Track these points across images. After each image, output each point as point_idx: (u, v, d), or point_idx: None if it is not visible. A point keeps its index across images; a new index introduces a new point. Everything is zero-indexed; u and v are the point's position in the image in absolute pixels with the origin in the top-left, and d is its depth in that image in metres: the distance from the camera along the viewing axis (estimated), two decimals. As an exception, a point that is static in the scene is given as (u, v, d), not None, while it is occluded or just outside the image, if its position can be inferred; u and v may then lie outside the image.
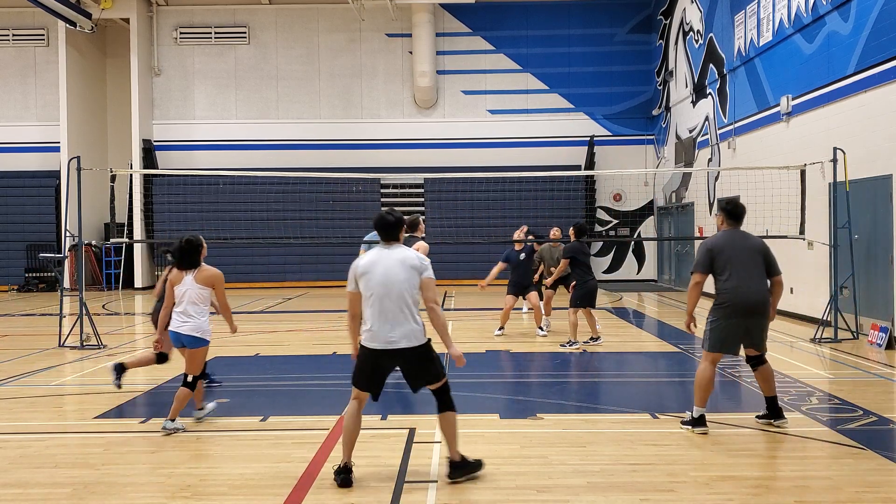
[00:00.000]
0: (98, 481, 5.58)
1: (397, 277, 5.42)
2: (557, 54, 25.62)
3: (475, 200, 22.90)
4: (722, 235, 6.88)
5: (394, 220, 5.61)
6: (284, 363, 10.75)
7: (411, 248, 5.69)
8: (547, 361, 10.58)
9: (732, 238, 6.82)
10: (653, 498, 5.16)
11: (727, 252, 6.70)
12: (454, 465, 5.53)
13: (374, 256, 5.55)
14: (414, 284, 5.47)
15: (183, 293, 6.88)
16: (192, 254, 6.96)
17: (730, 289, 6.63)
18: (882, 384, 8.86)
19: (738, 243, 6.77)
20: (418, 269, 5.48)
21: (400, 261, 5.48)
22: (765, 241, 6.94)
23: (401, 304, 5.40)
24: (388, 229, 5.60)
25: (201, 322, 6.88)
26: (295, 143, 25.51)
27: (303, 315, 16.84)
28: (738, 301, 6.60)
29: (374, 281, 5.44)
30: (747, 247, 6.77)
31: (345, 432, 5.54)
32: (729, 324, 6.68)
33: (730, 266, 6.66)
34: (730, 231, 6.89)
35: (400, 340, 5.39)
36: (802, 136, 14.38)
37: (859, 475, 5.56)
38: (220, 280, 7.04)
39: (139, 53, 24.72)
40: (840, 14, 13.02)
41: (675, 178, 23.17)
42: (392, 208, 5.84)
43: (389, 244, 5.60)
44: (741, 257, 6.69)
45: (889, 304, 11.45)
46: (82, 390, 9.01)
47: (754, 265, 6.71)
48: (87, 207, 13.81)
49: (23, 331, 14.88)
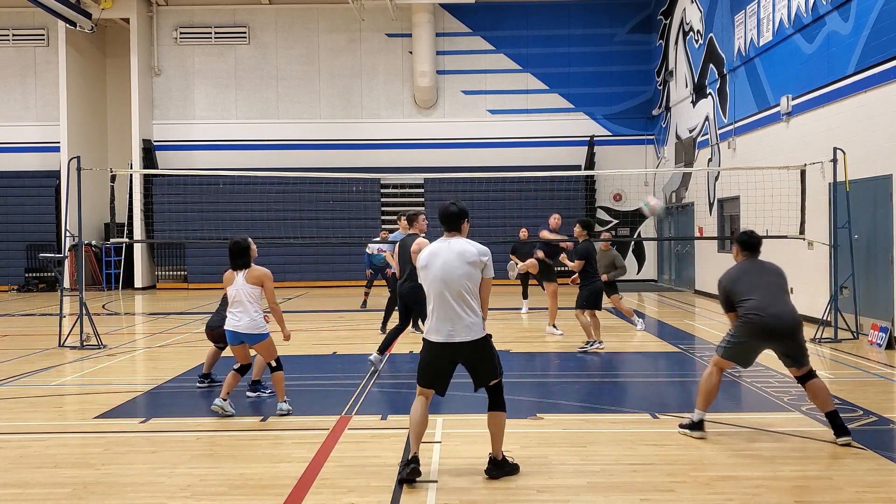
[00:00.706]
0: (98, 481, 5.58)
1: (455, 272, 5.44)
2: (557, 54, 25.63)
3: (475, 200, 22.85)
4: (738, 267, 6.76)
5: (457, 211, 5.67)
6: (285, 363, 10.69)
7: (473, 242, 5.60)
8: (547, 361, 10.58)
9: (750, 267, 6.70)
10: (653, 498, 5.16)
11: (745, 279, 6.55)
12: (495, 462, 5.57)
13: (434, 248, 5.60)
14: (473, 279, 5.48)
15: (235, 293, 7.34)
16: (242, 255, 7.45)
17: (751, 308, 6.38)
18: (882, 384, 8.86)
19: (756, 270, 6.66)
20: (478, 265, 5.49)
21: (459, 254, 5.48)
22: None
23: (459, 298, 5.43)
24: (451, 219, 5.65)
25: (256, 318, 7.33)
26: (295, 143, 25.51)
27: (303, 315, 16.84)
28: (760, 323, 6.33)
29: (432, 274, 5.49)
30: (766, 271, 6.67)
31: (411, 425, 5.59)
32: (750, 343, 6.46)
33: (749, 290, 6.48)
34: (747, 262, 6.77)
35: (458, 334, 5.43)
36: (802, 136, 14.37)
37: (859, 475, 5.56)
38: (268, 278, 7.51)
39: (139, 53, 24.72)
40: (840, 14, 13.01)
41: (675, 178, 23.17)
42: (457, 199, 5.85)
43: (451, 235, 5.64)
44: (761, 280, 6.54)
45: (889, 304, 11.45)
46: (82, 390, 9.01)
47: (777, 287, 6.58)
48: (87, 207, 13.81)
49: (23, 331, 14.88)
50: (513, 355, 11.10)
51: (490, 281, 5.56)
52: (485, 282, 5.54)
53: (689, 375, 9.71)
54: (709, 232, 19.69)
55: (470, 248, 5.51)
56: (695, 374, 9.85)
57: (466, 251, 5.49)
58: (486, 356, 5.53)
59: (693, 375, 9.75)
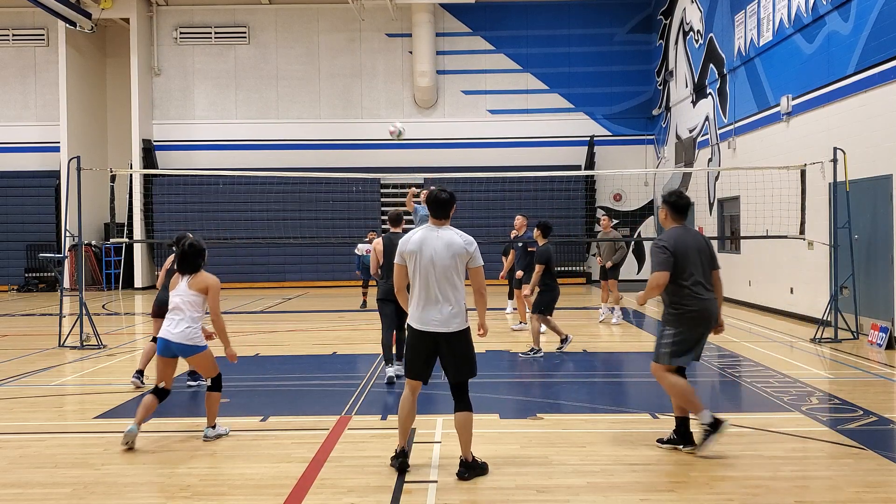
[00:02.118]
0: (98, 481, 5.58)
1: (442, 262, 5.48)
2: (557, 54, 25.62)
3: (475, 200, 22.90)
4: (678, 234, 6.17)
5: (447, 198, 5.67)
6: (284, 363, 10.74)
7: (460, 232, 5.60)
8: (547, 361, 10.57)
9: (688, 237, 6.17)
10: (653, 498, 5.16)
11: (688, 256, 6.03)
12: (466, 464, 5.56)
13: (422, 235, 5.59)
14: (459, 269, 5.50)
15: (178, 300, 6.55)
16: (196, 257, 6.61)
17: (694, 295, 6.01)
18: (882, 384, 8.86)
19: (694, 245, 6.12)
20: (464, 256, 5.51)
21: (447, 244, 5.51)
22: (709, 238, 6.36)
23: (444, 288, 5.46)
24: (442, 206, 5.63)
25: (193, 327, 6.49)
26: (295, 143, 25.51)
27: (303, 315, 16.84)
28: (703, 308, 6.03)
29: (419, 262, 5.51)
30: (700, 247, 6.15)
31: (399, 419, 5.69)
32: (694, 333, 6.10)
33: (688, 272, 6.01)
34: (683, 228, 6.23)
35: (440, 324, 5.47)
36: (802, 136, 14.37)
37: (859, 475, 5.56)
38: (215, 287, 6.58)
39: (139, 53, 24.73)
40: (840, 14, 13.01)
41: (675, 178, 23.16)
42: (444, 188, 5.80)
43: (440, 223, 5.63)
44: (698, 261, 6.08)
45: (889, 304, 11.45)
46: (82, 390, 9.01)
47: (707, 269, 6.13)
48: (87, 207, 13.81)
49: (23, 331, 14.87)
50: (513, 355, 11.09)
51: (481, 269, 5.55)
52: (475, 270, 5.56)
53: (690, 375, 9.67)
54: (709, 232, 19.69)
55: (457, 239, 5.54)
56: (695, 374, 9.85)
57: (454, 241, 5.52)
58: (467, 350, 5.56)
59: (693, 375, 9.75)
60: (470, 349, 5.59)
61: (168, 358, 6.58)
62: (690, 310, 6.03)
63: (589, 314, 16.03)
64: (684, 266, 6.02)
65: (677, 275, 6.02)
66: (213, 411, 6.62)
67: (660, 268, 6.04)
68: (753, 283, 16.92)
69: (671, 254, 6.02)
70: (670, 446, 6.20)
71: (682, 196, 6.33)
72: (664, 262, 6.02)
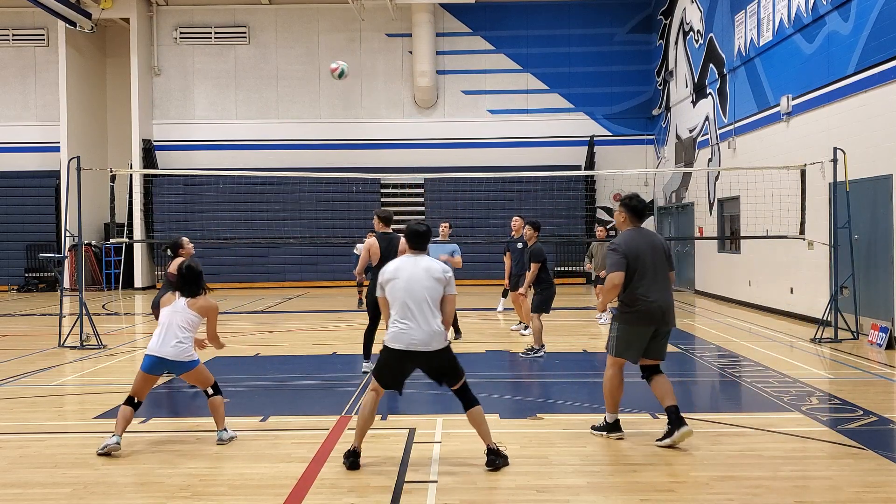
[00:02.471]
0: (98, 481, 5.58)
1: (421, 284, 5.76)
2: (557, 54, 25.63)
3: (475, 200, 22.91)
4: (630, 236, 6.40)
5: (425, 231, 6.03)
6: (284, 363, 10.74)
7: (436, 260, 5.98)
8: (547, 361, 10.57)
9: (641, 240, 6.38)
10: (653, 498, 5.16)
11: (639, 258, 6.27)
12: (492, 451, 5.75)
13: (400, 264, 5.91)
14: (436, 293, 5.78)
15: (171, 316, 6.48)
16: (196, 282, 6.60)
17: (640, 297, 6.25)
18: (882, 384, 8.86)
19: (646, 246, 6.34)
20: (442, 282, 5.80)
21: (425, 269, 5.81)
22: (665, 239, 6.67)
23: (423, 310, 5.72)
24: (417, 239, 5.97)
25: (186, 343, 6.45)
26: (295, 143, 25.51)
27: (303, 315, 16.84)
28: (648, 310, 6.25)
29: (397, 287, 5.79)
30: (654, 249, 6.36)
31: (358, 419, 5.88)
32: (637, 331, 6.31)
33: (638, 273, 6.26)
34: (636, 231, 6.46)
35: (421, 344, 5.70)
36: (802, 136, 14.37)
37: (859, 475, 5.56)
38: (214, 312, 6.67)
39: (139, 53, 24.73)
40: (840, 14, 13.01)
41: (675, 178, 23.17)
42: (421, 221, 6.20)
43: (417, 253, 5.94)
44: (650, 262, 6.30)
45: (889, 304, 11.45)
46: (82, 390, 9.01)
47: (661, 269, 6.36)
48: (87, 207, 13.81)
49: (23, 331, 14.87)
50: (513, 355, 11.09)
51: (454, 298, 5.88)
52: (448, 298, 5.85)
53: (690, 375, 9.72)
54: (709, 232, 19.69)
55: (435, 265, 5.86)
56: (695, 375, 9.86)
57: (432, 267, 5.83)
58: (447, 364, 5.84)
59: (693, 375, 9.76)
60: (451, 362, 5.85)
61: (153, 376, 6.50)
62: (636, 309, 6.30)
63: (589, 314, 16.02)
64: (635, 267, 6.29)
65: (628, 276, 6.29)
66: (220, 414, 6.59)
67: (613, 269, 6.32)
68: (753, 283, 16.92)
69: (623, 255, 6.30)
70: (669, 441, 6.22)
71: (640, 199, 6.61)
72: (617, 262, 6.30)
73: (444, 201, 23.90)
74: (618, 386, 6.49)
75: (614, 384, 6.49)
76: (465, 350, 11.45)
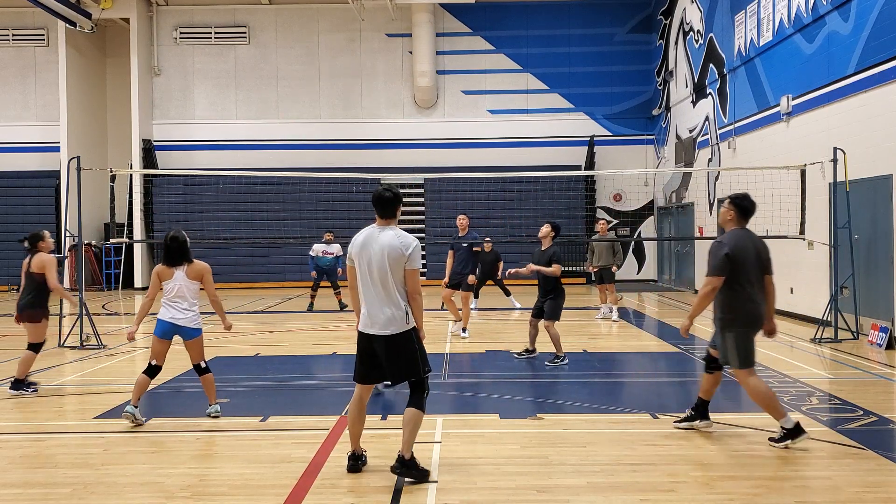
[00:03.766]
0: (98, 481, 5.58)
1: (381, 263, 5.42)
2: (557, 54, 25.62)
3: (475, 200, 22.89)
4: (738, 236, 6.34)
5: (391, 197, 5.54)
6: (284, 363, 10.74)
7: (401, 234, 5.51)
8: (547, 361, 10.56)
9: (747, 241, 6.32)
10: (653, 498, 5.16)
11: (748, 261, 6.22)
12: (402, 461, 5.47)
13: (365, 237, 5.55)
14: (396, 272, 5.43)
15: (174, 287, 7.17)
16: (181, 250, 7.19)
17: (748, 300, 6.22)
18: (882, 384, 8.86)
19: (751, 248, 6.30)
20: (401, 259, 5.41)
21: (387, 246, 5.42)
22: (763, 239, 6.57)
23: (384, 289, 5.43)
24: (384, 205, 5.53)
25: (195, 314, 7.23)
26: (295, 143, 25.51)
27: (303, 315, 16.84)
28: (757, 312, 6.27)
29: (362, 263, 5.51)
30: (758, 251, 6.34)
31: (348, 422, 5.75)
32: (750, 335, 6.30)
33: (746, 276, 6.20)
34: (744, 231, 6.40)
35: (378, 326, 5.45)
36: (802, 136, 14.37)
37: (859, 475, 5.56)
38: (209, 272, 7.29)
39: (139, 53, 24.72)
40: (840, 14, 13.01)
41: (676, 178, 23.17)
42: (391, 185, 5.69)
43: (384, 223, 5.54)
44: (756, 267, 6.28)
45: (889, 304, 11.45)
46: (82, 390, 9.01)
47: (760, 272, 6.34)
48: (87, 207, 13.81)
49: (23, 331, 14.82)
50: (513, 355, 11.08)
51: (415, 272, 5.46)
52: (409, 273, 5.44)
53: (690, 375, 9.71)
54: (709, 232, 19.68)
55: (394, 242, 5.43)
56: (695, 375, 9.85)
57: (392, 245, 5.41)
58: (405, 351, 5.45)
59: (693, 375, 9.76)
60: (410, 351, 5.46)
61: (167, 340, 7.25)
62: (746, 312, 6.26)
63: (589, 314, 16.03)
64: (742, 269, 6.19)
65: (733, 278, 6.19)
66: (212, 390, 7.35)
67: (716, 272, 6.24)
68: (753, 283, 16.90)
69: (730, 259, 6.18)
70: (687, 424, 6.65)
71: (751, 200, 6.53)
72: (721, 266, 6.20)
73: (444, 201, 23.90)
74: (766, 390, 6.27)
75: (763, 391, 6.24)
76: (465, 350, 11.46)
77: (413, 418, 5.49)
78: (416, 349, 5.51)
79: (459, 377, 9.62)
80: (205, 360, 7.37)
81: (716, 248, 6.28)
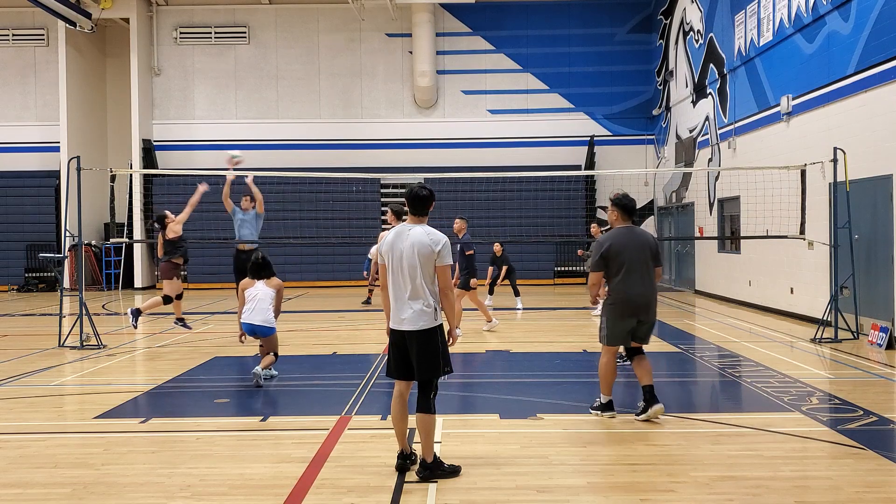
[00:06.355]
0: (98, 481, 5.58)
1: (411, 260, 5.48)
2: (557, 54, 25.62)
3: (475, 200, 22.89)
4: (616, 234, 7.10)
5: (426, 195, 5.68)
6: (284, 363, 10.72)
7: (431, 231, 5.59)
8: (547, 361, 10.57)
9: (628, 237, 7.06)
10: (653, 498, 5.16)
11: (623, 254, 6.96)
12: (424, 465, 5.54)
13: (394, 234, 5.63)
14: (426, 268, 5.49)
15: (255, 295, 9.25)
16: (265, 268, 9.57)
17: (622, 290, 6.98)
18: (882, 384, 8.86)
19: (633, 244, 7.03)
20: (432, 256, 5.48)
21: (417, 243, 5.49)
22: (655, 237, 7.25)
23: (413, 285, 5.47)
24: (420, 203, 5.66)
25: (271, 316, 9.24)
26: (295, 143, 25.51)
27: (303, 315, 16.84)
28: (631, 302, 6.97)
29: (393, 260, 5.56)
30: (639, 247, 7.04)
31: (392, 421, 5.74)
32: (621, 322, 7.03)
33: (623, 269, 6.95)
34: (626, 229, 7.14)
35: (407, 322, 5.49)
36: (802, 136, 14.37)
37: (859, 475, 5.56)
38: (281, 287, 9.66)
39: (139, 53, 24.71)
40: (840, 14, 13.01)
41: (676, 178, 23.17)
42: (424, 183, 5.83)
43: (416, 220, 5.64)
44: (635, 259, 6.98)
45: (889, 304, 11.45)
46: (82, 390, 9.01)
47: (645, 265, 7.02)
48: (87, 207, 13.81)
49: (23, 331, 14.87)
50: (513, 355, 11.09)
51: (446, 268, 5.51)
52: (440, 269, 5.50)
53: (690, 375, 9.72)
54: (709, 232, 19.69)
55: (424, 238, 5.50)
56: (695, 374, 9.86)
57: (421, 241, 5.49)
58: (431, 348, 5.49)
59: (693, 375, 9.76)
60: (434, 348, 5.50)
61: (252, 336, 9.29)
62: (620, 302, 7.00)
63: (589, 314, 16.02)
64: (620, 263, 6.96)
65: (613, 271, 6.99)
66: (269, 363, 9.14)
67: (592, 268, 7.23)
68: (753, 283, 16.92)
69: (602, 255, 7.03)
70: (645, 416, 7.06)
71: (630, 198, 7.37)
72: (595, 263, 7.14)
73: (444, 201, 23.80)
74: (612, 371, 7.23)
75: (608, 370, 7.22)
76: (465, 350, 11.45)
77: (426, 424, 5.54)
78: (439, 347, 5.55)
79: (460, 377, 9.62)
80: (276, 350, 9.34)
81: (596, 246, 7.20)
